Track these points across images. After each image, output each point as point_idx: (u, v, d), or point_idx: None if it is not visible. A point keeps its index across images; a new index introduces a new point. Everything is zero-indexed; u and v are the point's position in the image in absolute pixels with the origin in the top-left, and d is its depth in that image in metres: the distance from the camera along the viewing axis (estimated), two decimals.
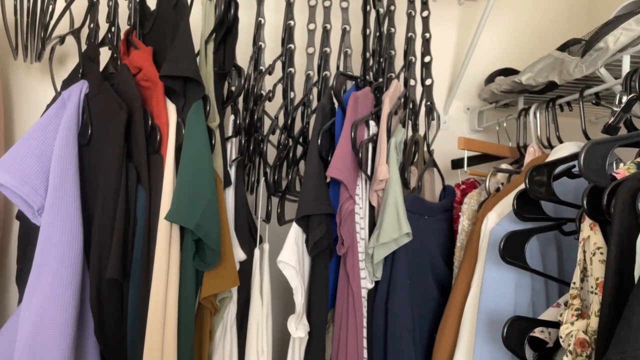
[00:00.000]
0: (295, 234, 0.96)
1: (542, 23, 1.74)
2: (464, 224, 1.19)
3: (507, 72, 1.52)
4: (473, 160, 1.42)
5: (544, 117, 1.26)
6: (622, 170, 0.73)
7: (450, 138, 1.59)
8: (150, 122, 1.00)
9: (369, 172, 1.03)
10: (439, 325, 1.06)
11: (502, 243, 0.86)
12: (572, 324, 0.72)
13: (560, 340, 0.72)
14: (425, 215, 1.15)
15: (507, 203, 1.05)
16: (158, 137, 0.99)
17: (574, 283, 0.75)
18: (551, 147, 1.26)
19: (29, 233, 1.27)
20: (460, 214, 1.21)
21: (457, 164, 1.41)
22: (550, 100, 1.24)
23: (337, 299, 1.00)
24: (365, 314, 1.00)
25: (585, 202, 0.72)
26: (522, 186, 0.89)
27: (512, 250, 0.87)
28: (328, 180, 0.99)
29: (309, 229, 0.96)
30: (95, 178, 1.05)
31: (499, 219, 1.01)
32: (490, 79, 1.55)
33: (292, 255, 0.94)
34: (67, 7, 1.18)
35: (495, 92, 1.39)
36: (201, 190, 0.93)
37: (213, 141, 1.01)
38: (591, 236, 0.73)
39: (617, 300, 0.61)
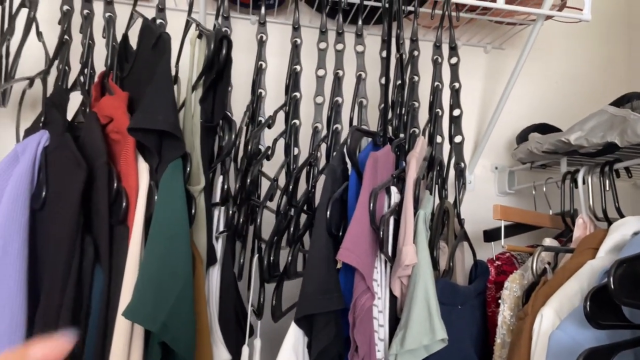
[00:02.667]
0: (294, 339, 0.73)
1: (578, 73, 1.57)
2: (505, 314, 0.97)
3: (544, 128, 1.33)
4: (508, 231, 1.21)
5: (598, 183, 1.06)
6: None
7: (476, 201, 1.39)
8: (115, 184, 0.79)
9: (390, 253, 0.81)
10: None
11: None
12: None
13: None
14: (458, 305, 0.93)
15: (565, 295, 0.83)
16: (124, 204, 0.78)
17: None
18: (606, 219, 1.05)
19: None
20: (500, 301, 0.98)
21: (490, 235, 1.19)
22: (606, 163, 1.03)
23: None
24: None
25: None
26: (598, 283, 0.67)
27: None
28: (339, 266, 0.76)
29: (313, 331, 0.73)
30: (46, 252, 0.83)
31: (558, 319, 0.78)
32: (523, 136, 1.36)
33: None
34: (21, 45, 1.01)
35: (536, 152, 1.18)
36: (172, 278, 0.70)
37: (194, 210, 0.80)
38: None
39: None
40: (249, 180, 0.87)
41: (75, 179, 0.78)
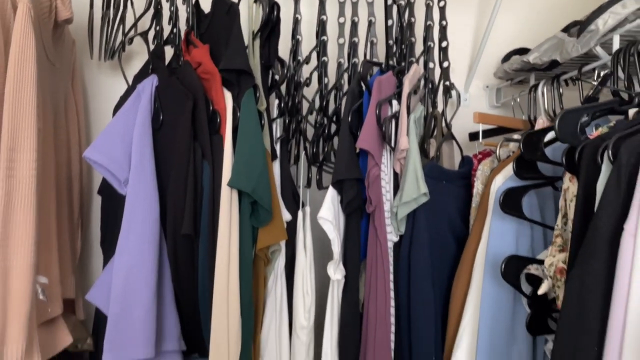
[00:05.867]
0: (331, 196, 1.17)
1: (555, 5, 1.87)
2: (478, 187, 1.37)
3: (523, 51, 1.67)
4: (491, 134, 1.59)
5: (551, 92, 1.42)
6: (596, 133, 0.90)
7: (471, 114, 1.76)
8: (211, 108, 1.22)
9: (392, 144, 1.22)
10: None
11: (501, 197, 1.05)
12: (554, 256, 0.90)
13: (544, 269, 0.91)
14: (443, 181, 1.33)
15: (509, 168, 1.22)
16: (218, 120, 1.21)
17: (557, 225, 0.93)
18: None
19: (109, 206, 1.54)
20: (475, 179, 1.39)
21: (473, 136, 1.58)
22: (555, 77, 1.39)
23: (368, 250, 1.20)
24: (392, 262, 1.21)
25: (564, 159, 0.89)
26: None
27: (510, 203, 1.05)
28: (358, 151, 1.19)
29: (343, 191, 1.17)
30: (165, 156, 1.28)
31: (504, 180, 1.19)
32: (506, 59, 1.70)
33: (329, 212, 1.15)
34: (141, 17, 1.41)
35: (508, 70, 1.55)
36: (255, 162, 1.14)
37: (262, 122, 1.23)
38: (570, 187, 0.91)
39: (583, 231, 0.79)
40: (296, 101, 1.28)
41: (187, 106, 1.21)
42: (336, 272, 1.17)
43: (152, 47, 1.40)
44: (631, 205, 0.71)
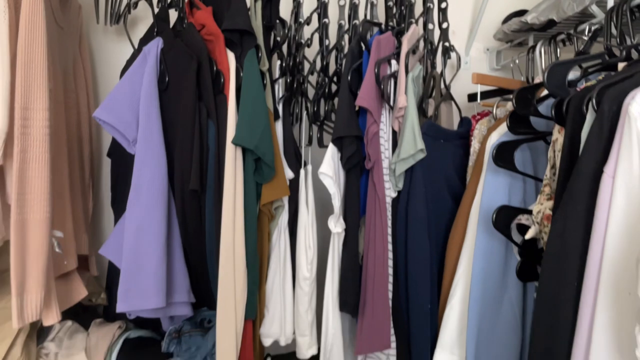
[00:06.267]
0: (331, 152, 1.21)
1: None
2: (475, 146, 1.41)
3: (522, 13, 1.69)
4: (490, 95, 1.62)
5: (548, 53, 1.44)
6: (584, 85, 0.93)
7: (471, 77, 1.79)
8: (215, 68, 1.26)
9: (391, 103, 1.26)
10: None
11: (494, 151, 1.09)
12: (542, 204, 0.95)
13: (533, 217, 0.96)
14: (441, 139, 1.37)
15: (503, 126, 1.26)
16: (222, 80, 1.25)
17: (546, 175, 0.98)
18: None
19: (119, 168, 1.59)
20: (472, 138, 1.43)
21: (472, 97, 1.61)
22: (552, 37, 1.42)
23: (367, 205, 1.26)
24: (390, 216, 1.26)
25: (553, 111, 0.93)
26: None
27: (502, 156, 1.09)
28: (357, 109, 1.23)
29: (343, 148, 1.21)
30: (171, 116, 1.32)
31: (499, 137, 1.23)
32: (506, 21, 1.72)
33: (329, 167, 1.20)
34: None
35: (507, 32, 1.57)
36: (258, 120, 1.19)
37: (265, 82, 1.26)
38: (558, 138, 0.95)
39: (567, 177, 0.83)
40: (297, 61, 1.32)
41: (191, 67, 1.24)
42: (337, 226, 1.23)
43: (156, 10, 1.43)
44: (611, 149, 0.75)
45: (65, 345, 1.35)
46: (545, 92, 1.10)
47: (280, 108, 1.34)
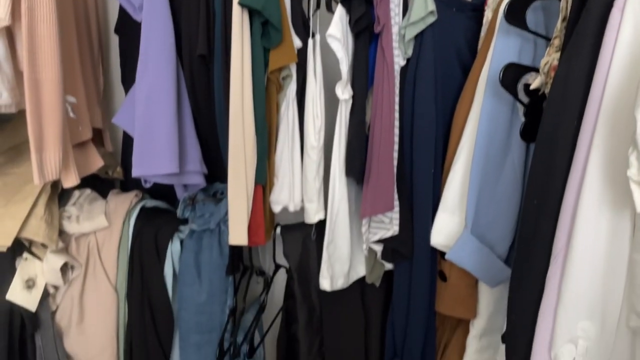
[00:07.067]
0: (340, 14, 1.19)
1: None
2: (488, 15, 1.36)
3: None
4: None
5: None
6: None
7: None
8: None
9: None
10: None
11: (506, 7, 1.06)
12: (550, 55, 0.94)
13: (540, 69, 0.95)
14: (453, 8, 1.33)
15: None
16: None
17: (557, 28, 0.96)
18: None
19: (126, 43, 1.59)
20: (485, 7, 1.38)
21: None
22: None
23: (375, 72, 1.25)
24: (397, 85, 1.26)
25: None
26: None
27: (513, 14, 1.06)
28: None
29: (351, 9, 1.19)
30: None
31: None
32: None
33: (338, 30, 1.18)
34: None
35: None
36: None
37: None
38: None
39: (577, 21, 0.82)
40: None
41: None
42: (344, 92, 1.23)
43: None
44: None
45: (86, 209, 1.43)
46: None
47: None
